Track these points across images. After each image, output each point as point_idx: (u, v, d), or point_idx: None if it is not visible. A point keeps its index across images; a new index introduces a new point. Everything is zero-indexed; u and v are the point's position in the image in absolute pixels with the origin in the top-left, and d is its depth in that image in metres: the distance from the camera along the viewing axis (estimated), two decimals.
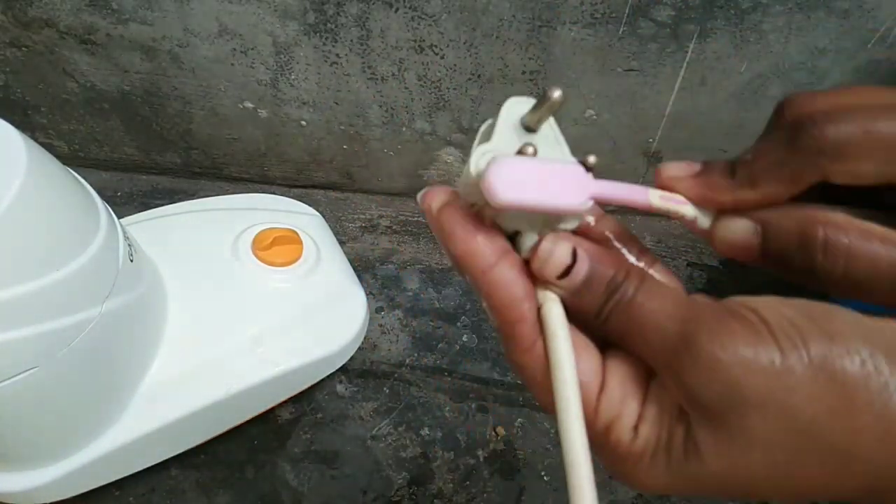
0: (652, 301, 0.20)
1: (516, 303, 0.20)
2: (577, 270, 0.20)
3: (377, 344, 0.64)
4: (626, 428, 0.20)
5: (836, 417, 0.17)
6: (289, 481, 0.55)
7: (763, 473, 0.18)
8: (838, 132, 0.19)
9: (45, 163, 0.38)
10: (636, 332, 0.20)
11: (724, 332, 0.18)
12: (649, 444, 0.19)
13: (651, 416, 0.20)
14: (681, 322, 0.19)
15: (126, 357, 0.47)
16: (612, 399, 0.20)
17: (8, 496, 0.47)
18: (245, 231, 0.58)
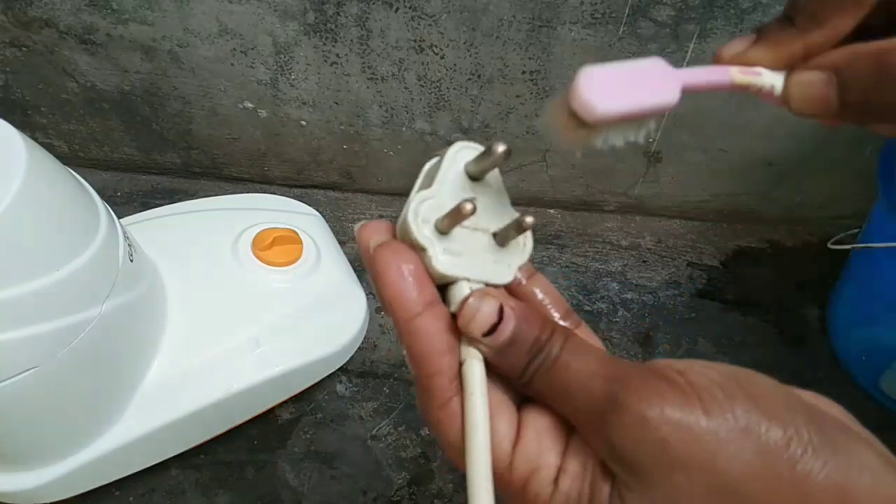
0: (577, 361, 0.19)
1: (435, 355, 0.20)
2: (502, 329, 0.20)
3: (377, 344, 0.64)
4: (546, 482, 0.19)
5: (757, 480, 0.17)
6: (289, 481, 0.55)
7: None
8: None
9: (45, 163, 0.38)
10: (560, 392, 0.19)
11: (651, 392, 0.18)
12: (570, 498, 0.19)
13: (573, 471, 0.19)
14: (607, 381, 0.19)
15: (126, 357, 0.47)
16: (528, 453, 0.20)
17: (8, 496, 0.47)
18: (245, 231, 0.58)
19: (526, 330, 0.20)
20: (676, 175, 0.71)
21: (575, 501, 0.19)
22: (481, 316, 0.20)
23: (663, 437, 0.17)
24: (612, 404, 0.18)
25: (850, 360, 0.65)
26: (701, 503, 0.17)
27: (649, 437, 0.17)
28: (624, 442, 0.18)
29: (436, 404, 0.20)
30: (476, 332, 0.20)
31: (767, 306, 0.70)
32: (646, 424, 0.17)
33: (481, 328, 0.20)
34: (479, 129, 0.68)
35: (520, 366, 0.20)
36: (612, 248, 0.74)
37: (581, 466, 0.19)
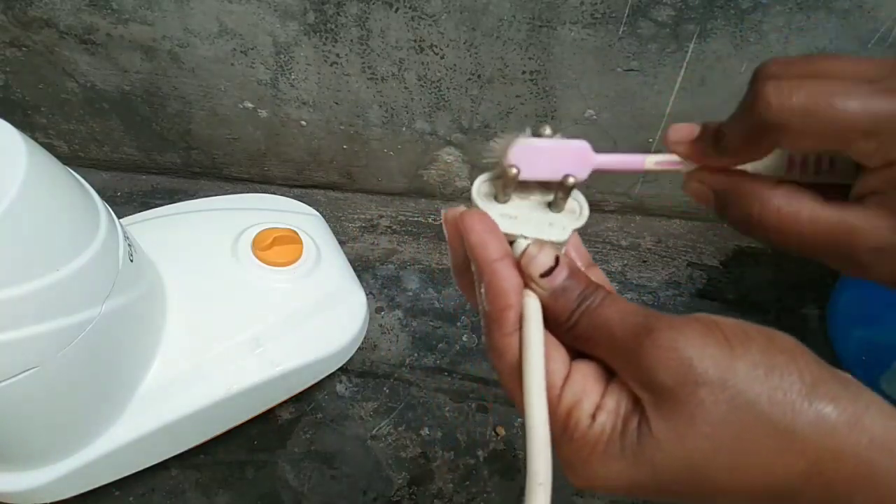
0: (617, 304, 0.23)
1: (510, 292, 0.24)
2: (556, 273, 0.24)
3: (377, 344, 0.64)
4: (585, 414, 0.22)
5: (775, 401, 0.19)
6: (289, 481, 0.55)
7: (711, 450, 0.20)
8: (781, 113, 0.21)
9: (45, 163, 0.38)
10: (602, 328, 0.23)
11: (681, 324, 0.21)
12: (605, 430, 0.22)
13: (608, 407, 0.22)
14: (643, 317, 0.22)
15: (126, 357, 0.47)
16: (574, 388, 0.22)
17: (8, 496, 0.47)
18: (245, 231, 0.58)
19: (574, 280, 0.24)
20: (676, 175, 0.71)
21: (609, 433, 0.21)
22: (540, 258, 0.24)
23: (688, 357, 0.20)
24: (645, 330, 0.21)
25: (850, 360, 0.65)
26: (724, 420, 0.19)
27: (676, 357, 0.20)
28: (654, 362, 0.20)
29: (503, 332, 0.24)
30: (535, 272, 0.24)
31: (767, 306, 0.70)
32: (673, 346, 0.20)
33: (540, 268, 0.24)
34: (479, 129, 0.68)
35: (569, 307, 0.23)
36: (612, 248, 0.74)
37: (615, 404, 0.22)
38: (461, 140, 0.70)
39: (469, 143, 0.70)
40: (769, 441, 0.19)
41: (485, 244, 0.24)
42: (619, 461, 0.21)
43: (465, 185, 0.75)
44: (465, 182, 0.75)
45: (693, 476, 0.20)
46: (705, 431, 0.20)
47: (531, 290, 0.24)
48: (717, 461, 0.20)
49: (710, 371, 0.20)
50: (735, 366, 0.20)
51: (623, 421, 0.21)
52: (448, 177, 0.74)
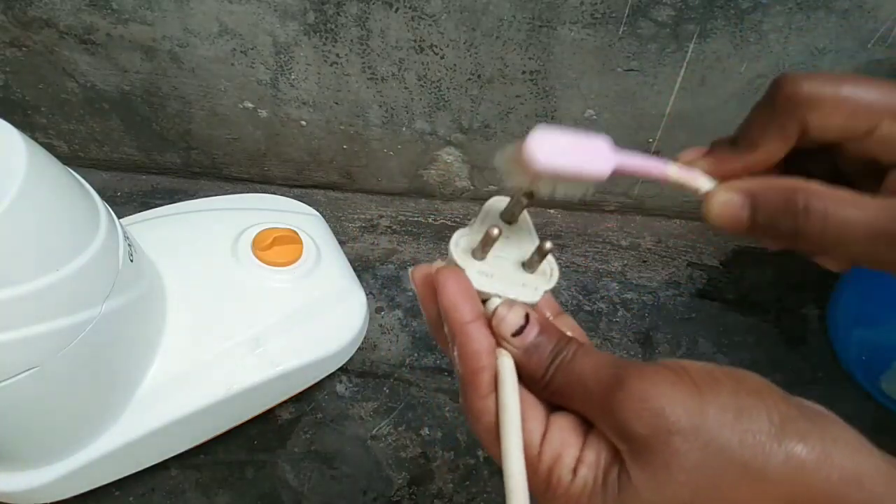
0: (589, 357, 0.23)
1: (482, 353, 0.24)
2: (527, 331, 0.24)
3: (377, 344, 0.64)
4: (567, 469, 0.22)
5: (746, 445, 0.20)
6: (289, 481, 0.55)
7: (689, 497, 0.20)
8: (812, 88, 0.22)
9: (45, 163, 0.38)
10: (576, 384, 0.23)
11: (651, 373, 0.21)
12: (587, 484, 0.22)
13: (588, 460, 0.22)
14: (614, 368, 0.22)
15: (126, 357, 0.47)
16: (553, 444, 0.23)
17: (8, 496, 0.47)
18: (245, 231, 0.58)
19: (546, 336, 0.24)
20: None
21: (591, 486, 0.22)
22: (510, 318, 0.24)
23: (660, 407, 0.20)
24: (618, 383, 0.21)
25: (850, 360, 0.65)
26: (699, 466, 0.20)
27: (647, 408, 0.20)
28: (627, 414, 0.21)
29: (478, 395, 0.24)
30: (507, 332, 0.24)
31: (767, 306, 0.70)
32: (644, 396, 0.21)
33: (510, 329, 0.24)
34: (479, 129, 0.68)
35: (543, 364, 0.24)
36: (612, 248, 0.74)
37: (595, 456, 0.22)
38: (461, 140, 0.70)
39: (469, 143, 0.70)
40: (744, 485, 0.19)
41: (456, 306, 0.24)
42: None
43: (464, 185, 0.75)
44: (465, 182, 0.75)
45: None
46: (682, 479, 0.20)
47: (504, 349, 0.24)
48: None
49: (682, 419, 0.20)
50: (705, 411, 0.20)
51: (604, 473, 0.22)
52: (448, 177, 0.74)
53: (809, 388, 0.64)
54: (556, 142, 0.23)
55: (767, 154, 0.24)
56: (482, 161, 0.72)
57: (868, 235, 0.22)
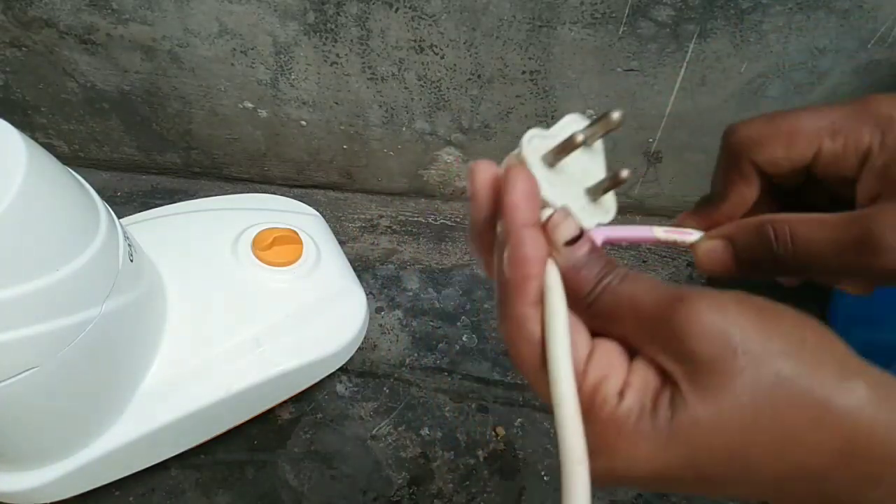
0: (641, 282, 0.22)
1: (535, 261, 0.22)
2: (580, 245, 0.23)
3: (377, 344, 0.64)
4: (612, 391, 0.21)
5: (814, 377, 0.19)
6: (289, 481, 0.55)
7: (751, 424, 0.19)
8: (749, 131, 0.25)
9: (45, 163, 0.38)
10: (627, 303, 0.22)
11: (714, 295, 0.20)
12: (633, 409, 0.20)
13: (636, 385, 0.21)
14: (671, 288, 0.21)
15: (126, 357, 0.47)
16: (599, 364, 0.21)
17: (8, 496, 0.47)
18: (245, 231, 0.58)
19: (596, 256, 0.23)
20: (676, 175, 0.71)
21: (638, 412, 0.20)
22: (566, 225, 0.23)
23: (725, 327, 0.19)
24: (677, 299, 0.20)
25: None
26: (759, 390, 0.19)
27: (713, 327, 0.19)
28: (689, 330, 0.20)
29: (524, 301, 0.22)
30: (560, 239, 0.23)
31: None
32: (710, 315, 0.20)
33: (565, 236, 0.23)
34: (479, 129, 0.68)
35: (591, 281, 0.22)
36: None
37: (643, 382, 0.21)
38: (461, 140, 0.70)
39: (469, 143, 0.70)
40: (807, 417, 0.19)
41: (519, 206, 0.23)
42: (650, 442, 0.20)
43: (464, 185, 0.75)
44: (466, 182, 0.75)
45: (730, 454, 0.19)
46: (744, 401, 0.19)
47: (552, 258, 0.23)
48: (755, 436, 0.19)
49: (749, 343, 0.19)
50: (771, 338, 0.19)
51: (653, 399, 0.20)
52: (448, 177, 0.74)
53: None
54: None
55: (739, 199, 0.26)
56: None
57: (834, 250, 0.23)
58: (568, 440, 0.20)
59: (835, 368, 0.19)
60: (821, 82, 0.61)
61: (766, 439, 0.19)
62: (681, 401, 0.20)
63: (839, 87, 0.61)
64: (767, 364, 0.19)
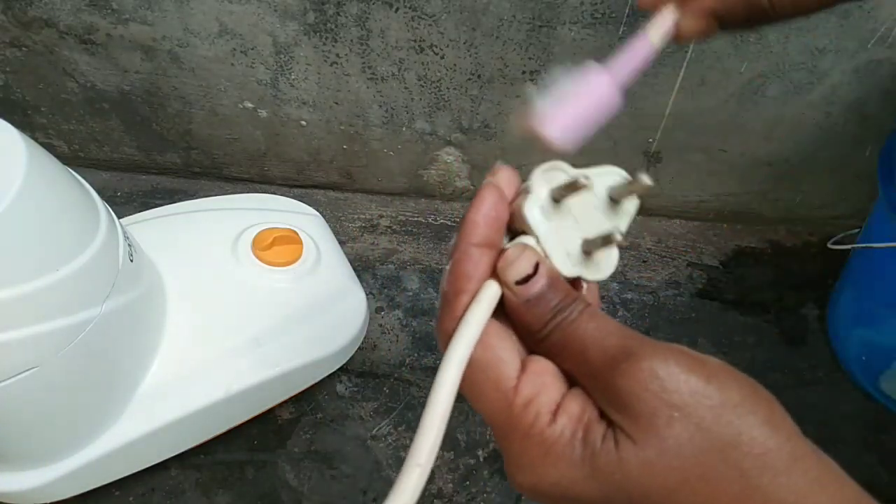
0: (596, 321, 0.21)
1: (471, 278, 0.22)
2: (534, 282, 0.22)
3: (377, 344, 0.64)
4: (546, 409, 0.21)
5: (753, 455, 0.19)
6: (289, 481, 0.55)
7: (676, 484, 0.19)
8: None
9: (45, 163, 0.38)
10: (576, 344, 0.21)
11: (665, 350, 0.20)
12: (566, 433, 0.20)
13: (571, 411, 0.21)
14: (623, 339, 0.21)
15: (126, 357, 0.47)
16: (533, 380, 0.21)
17: (8, 496, 0.47)
18: (245, 231, 0.58)
19: (553, 290, 0.22)
20: (676, 175, 0.71)
21: (569, 436, 0.20)
22: (518, 264, 0.22)
23: (671, 388, 0.19)
24: (626, 354, 0.20)
25: (850, 360, 0.65)
26: (691, 456, 0.19)
27: (658, 386, 0.19)
28: (633, 386, 0.19)
29: (451, 317, 0.22)
30: (511, 278, 0.22)
31: (767, 306, 0.70)
32: (656, 374, 0.19)
33: (515, 275, 0.22)
34: (479, 129, 0.68)
35: (542, 320, 0.22)
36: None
37: (580, 410, 0.21)
38: (461, 140, 0.70)
39: (469, 143, 0.70)
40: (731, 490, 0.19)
41: (477, 225, 0.22)
42: (575, 469, 0.20)
43: (464, 185, 0.75)
44: (465, 182, 0.75)
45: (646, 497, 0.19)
46: (675, 465, 0.19)
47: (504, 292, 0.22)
48: (674, 498, 0.19)
49: (691, 407, 0.19)
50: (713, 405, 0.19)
51: (585, 428, 0.20)
52: (448, 177, 0.74)
53: (809, 388, 0.64)
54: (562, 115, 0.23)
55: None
56: (482, 161, 0.72)
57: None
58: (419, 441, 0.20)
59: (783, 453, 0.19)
60: (821, 82, 0.61)
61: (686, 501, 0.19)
62: (611, 443, 0.20)
63: (839, 87, 0.61)
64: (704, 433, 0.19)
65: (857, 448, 0.60)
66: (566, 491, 0.20)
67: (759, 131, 0.66)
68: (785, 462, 0.19)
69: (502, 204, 0.23)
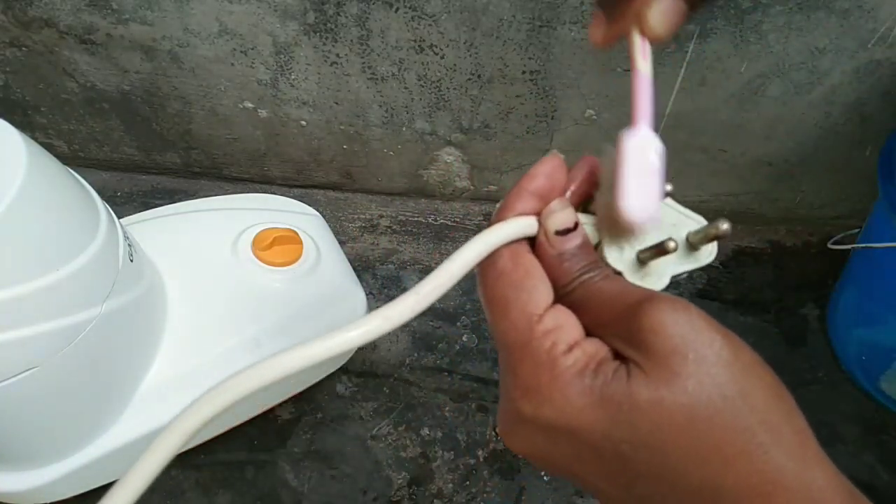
0: (618, 283, 0.23)
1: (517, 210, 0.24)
2: (571, 237, 0.23)
3: (377, 344, 0.64)
4: (565, 339, 0.21)
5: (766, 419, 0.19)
6: (289, 481, 0.55)
7: (682, 424, 0.19)
8: None
9: (45, 163, 0.38)
10: (599, 298, 0.22)
11: (688, 305, 0.21)
12: (578, 363, 0.21)
13: (588, 347, 0.21)
14: (644, 290, 0.22)
15: (126, 357, 0.47)
16: (556, 316, 0.22)
17: (8, 496, 0.47)
18: (245, 231, 0.58)
19: (584, 252, 0.23)
20: (676, 175, 0.71)
21: (581, 366, 0.21)
22: (562, 215, 0.23)
23: (690, 332, 0.20)
24: (650, 298, 0.21)
25: (850, 360, 0.65)
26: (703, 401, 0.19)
27: (677, 327, 0.20)
28: (653, 324, 0.20)
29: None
30: (551, 227, 0.23)
31: (767, 306, 0.70)
32: (678, 317, 0.20)
33: (556, 225, 0.23)
34: (479, 128, 0.68)
35: (570, 275, 0.23)
36: None
37: (595, 349, 0.21)
38: (461, 140, 0.70)
39: (469, 143, 0.70)
40: (736, 442, 0.19)
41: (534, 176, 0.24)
42: (582, 396, 0.20)
43: (464, 185, 0.75)
44: (465, 182, 0.75)
45: (650, 444, 0.19)
46: (684, 403, 0.19)
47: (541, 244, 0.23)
48: (680, 439, 0.19)
49: (706, 352, 0.19)
50: (731, 361, 0.19)
51: (598, 363, 0.21)
52: (448, 177, 0.74)
53: (809, 388, 0.64)
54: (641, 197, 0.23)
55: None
56: (482, 161, 0.72)
57: None
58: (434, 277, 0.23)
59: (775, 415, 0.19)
60: (821, 82, 0.61)
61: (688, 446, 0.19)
62: (625, 375, 0.20)
63: (839, 87, 0.61)
64: (719, 382, 0.19)
65: (857, 448, 0.60)
66: (569, 420, 0.20)
67: (759, 131, 0.66)
68: (787, 431, 0.19)
69: (561, 171, 0.24)
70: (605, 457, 0.20)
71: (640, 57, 0.25)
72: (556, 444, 0.21)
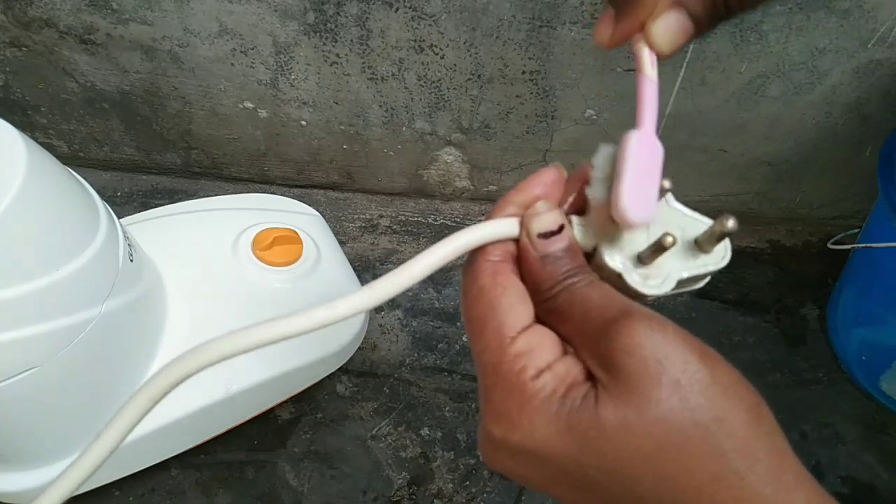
0: (601, 291, 0.22)
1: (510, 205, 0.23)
2: (555, 240, 0.22)
3: (377, 344, 0.64)
4: (534, 365, 0.21)
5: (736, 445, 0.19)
6: (289, 481, 0.55)
7: (650, 450, 0.19)
8: None
9: (45, 163, 0.38)
10: (578, 305, 0.21)
11: (664, 324, 0.20)
12: (546, 388, 0.20)
13: (558, 371, 0.21)
14: (624, 305, 0.21)
15: (126, 357, 0.47)
16: (530, 339, 0.21)
17: (8, 496, 0.47)
18: (245, 231, 0.58)
19: (570, 256, 0.23)
20: (676, 175, 0.71)
21: (549, 392, 0.20)
22: (546, 217, 0.23)
23: (664, 352, 0.19)
24: (625, 314, 0.20)
25: (850, 360, 0.65)
26: (672, 426, 0.19)
27: (651, 347, 0.19)
28: (626, 343, 0.19)
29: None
30: (534, 230, 0.23)
31: (767, 306, 0.70)
32: (652, 336, 0.19)
33: (539, 227, 0.23)
34: (479, 128, 0.68)
35: (554, 278, 0.22)
36: None
37: (565, 371, 0.21)
38: (461, 140, 0.70)
39: (469, 143, 0.70)
40: (709, 469, 0.18)
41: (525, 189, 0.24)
42: (549, 423, 0.20)
43: (464, 185, 0.75)
44: (465, 182, 0.75)
45: (619, 471, 0.19)
46: (653, 430, 0.19)
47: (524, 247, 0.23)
48: (648, 467, 0.19)
49: (678, 374, 0.19)
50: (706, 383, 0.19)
51: (567, 387, 0.20)
52: (448, 177, 0.74)
53: (809, 388, 0.64)
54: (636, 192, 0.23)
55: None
56: (482, 161, 0.72)
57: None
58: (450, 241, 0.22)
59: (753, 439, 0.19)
60: (821, 82, 0.61)
61: (656, 472, 0.19)
62: (592, 402, 0.20)
63: (839, 87, 0.61)
64: (688, 406, 0.19)
65: (857, 448, 0.60)
66: (537, 447, 0.20)
67: (759, 131, 0.66)
68: (765, 454, 0.19)
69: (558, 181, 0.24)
70: (577, 481, 0.20)
71: (648, 62, 0.25)
72: (528, 468, 0.21)
